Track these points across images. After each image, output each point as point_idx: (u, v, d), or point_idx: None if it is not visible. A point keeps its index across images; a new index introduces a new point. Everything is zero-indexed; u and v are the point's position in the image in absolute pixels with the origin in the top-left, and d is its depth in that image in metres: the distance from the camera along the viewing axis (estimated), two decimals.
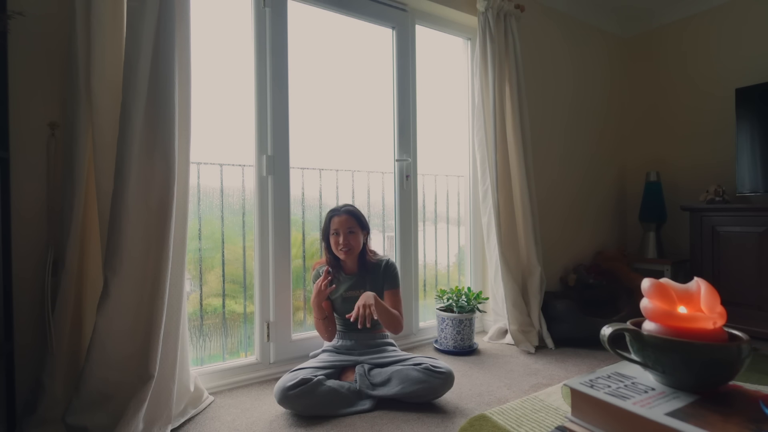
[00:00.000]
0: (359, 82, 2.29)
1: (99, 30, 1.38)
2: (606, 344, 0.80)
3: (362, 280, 1.85)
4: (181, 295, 1.51)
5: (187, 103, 1.51)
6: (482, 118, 2.41)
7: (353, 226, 1.80)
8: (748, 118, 2.53)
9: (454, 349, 2.20)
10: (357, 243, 1.81)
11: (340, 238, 1.79)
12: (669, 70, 3.15)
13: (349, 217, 1.81)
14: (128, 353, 1.35)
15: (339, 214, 1.82)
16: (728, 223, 2.50)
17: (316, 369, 1.63)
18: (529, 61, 2.69)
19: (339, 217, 1.81)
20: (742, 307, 2.37)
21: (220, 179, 1.91)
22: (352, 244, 1.80)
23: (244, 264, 1.97)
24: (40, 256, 1.41)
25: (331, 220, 1.82)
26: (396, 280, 1.86)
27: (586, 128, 3.11)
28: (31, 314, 1.40)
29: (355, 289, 1.84)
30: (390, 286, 1.85)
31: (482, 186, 2.45)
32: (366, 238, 1.87)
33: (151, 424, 1.38)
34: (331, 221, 1.82)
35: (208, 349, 1.89)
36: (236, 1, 1.92)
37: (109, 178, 1.38)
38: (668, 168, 3.13)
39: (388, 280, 1.85)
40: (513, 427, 1.42)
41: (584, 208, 3.09)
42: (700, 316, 0.77)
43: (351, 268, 1.87)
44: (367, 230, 1.87)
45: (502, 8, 2.40)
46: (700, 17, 2.98)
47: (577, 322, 2.36)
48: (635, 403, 0.70)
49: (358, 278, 1.85)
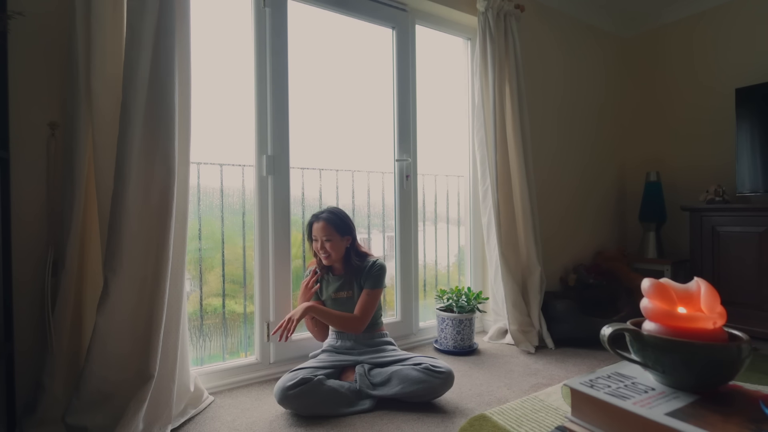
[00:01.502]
0: (359, 82, 2.29)
1: (99, 30, 1.37)
2: (606, 344, 0.80)
3: (350, 281, 1.85)
4: (181, 295, 1.51)
5: (187, 103, 1.51)
6: (482, 118, 2.41)
7: (330, 234, 1.79)
8: (748, 118, 2.53)
9: (454, 349, 2.20)
10: (335, 249, 1.80)
11: (318, 245, 1.81)
12: (669, 69, 3.15)
13: (326, 224, 1.79)
14: (128, 353, 1.35)
15: (317, 221, 1.81)
16: (728, 223, 2.50)
17: (316, 369, 1.63)
18: (529, 61, 2.69)
19: (317, 224, 1.81)
20: (742, 307, 2.37)
21: (220, 179, 1.91)
22: (329, 251, 1.79)
23: (244, 264, 1.97)
24: (40, 256, 1.41)
25: (312, 225, 1.83)
26: (373, 280, 1.82)
27: (586, 128, 3.11)
28: (31, 314, 1.40)
29: (343, 290, 1.85)
30: (366, 285, 1.82)
31: (482, 186, 2.45)
32: (350, 241, 1.85)
33: (151, 424, 1.38)
34: (311, 227, 1.83)
35: (208, 349, 1.89)
36: (236, 1, 1.92)
37: (109, 178, 1.38)
38: (668, 168, 3.13)
39: (367, 279, 1.83)
40: (513, 427, 1.42)
41: (584, 208, 3.10)
42: (700, 316, 0.77)
43: (339, 269, 1.88)
44: (349, 234, 1.84)
45: (502, 8, 2.40)
46: (700, 17, 2.98)
47: (577, 322, 2.36)
48: (635, 403, 0.70)
49: (346, 280, 1.86)
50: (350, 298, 1.85)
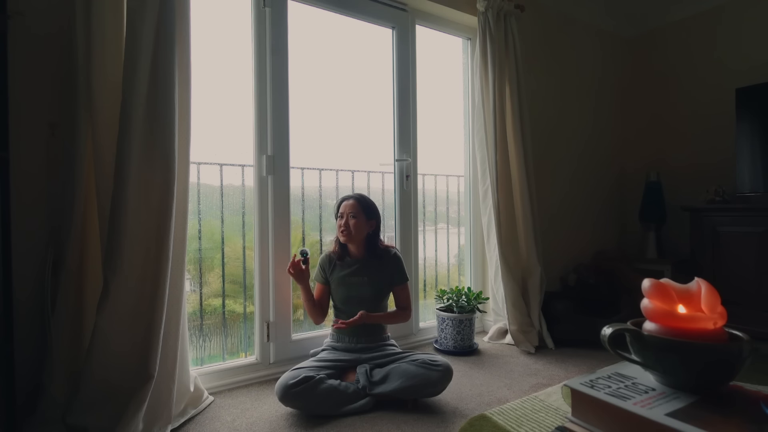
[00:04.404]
0: (359, 82, 2.29)
1: (99, 30, 1.37)
2: (606, 344, 0.80)
3: (365, 268, 1.85)
4: (181, 295, 1.50)
5: (187, 103, 1.51)
6: (482, 118, 2.41)
7: (357, 212, 1.82)
8: (749, 118, 2.53)
9: (454, 349, 2.20)
10: (358, 229, 1.82)
11: (342, 221, 1.83)
12: (669, 69, 3.15)
13: (356, 202, 1.83)
14: (128, 353, 1.35)
15: (349, 199, 1.86)
16: (728, 223, 2.49)
17: (318, 368, 1.63)
18: (529, 61, 2.69)
19: (348, 201, 1.85)
20: (743, 307, 2.37)
21: (220, 179, 1.91)
22: (351, 228, 1.81)
23: (244, 264, 1.97)
24: (40, 256, 1.41)
25: (341, 204, 1.87)
26: (404, 274, 1.90)
27: (586, 128, 3.11)
28: (31, 314, 1.40)
29: (357, 275, 1.84)
30: (401, 279, 1.88)
31: (482, 186, 2.45)
32: (373, 227, 1.87)
33: (151, 424, 1.38)
34: (340, 205, 1.87)
35: (208, 349, 1.89)
36: (236, 1, 1.91)
37: (109, 178, 1.38)
38: (668, 168, 3.12)
39: (397, 274, 1.87)
40: (513, 427, 1.42)
41: (584, 208, 3.09)
42: (700, 317, 0.77)
43: (355, 254, 1.88)
44: (375, 219, 1.87)
45: (502, 8, 2.40)
46: (700, 17, 2.97)
47: (577, 322, 2.36)
48: (635, 403, 0.70)
49: (362, 265, 1.86)
50: (362, 284, 1.83)
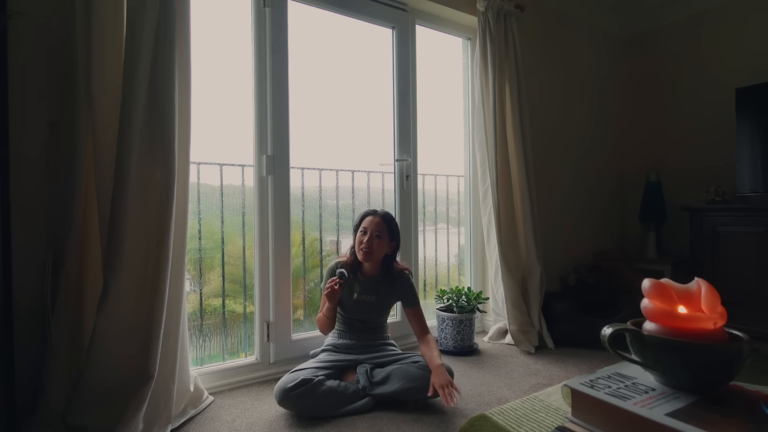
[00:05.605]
0: (359, 82, 2.29)
1: (99, 30, 1.37)
2: (606, 344, 0.80)
3: (376, 287, 1.80)
4: (181, 295, 1.50)
5: (187, 103, 1.51)
6: (482, 118, 2.41)
7: (382, 232, 1.75)
8: (749, 118, 2.53)
9: (454, 349, 2.20)
10: (379, 249, 1.76)
11: (365, 237, 1.75)
12: (669, 69, 3.15)
13: (382, 221, 1.76)
14: (128, 353, 1.35)
15: (374, 215, 1.79)
16: (728, 223, 2.50)
17: (316, 369, 1.62)
18: (528, 61, 2.69)
19: (372, 218, 1.77)
20: (743, 307, 2.37)
21: (220, 179, 1.91)
22: (374, 248, 1.74)
23: (244, 264, 1.97)
24: (40, 256, 1.41)
25: (365, 218, 1.80)
26: (417, 297, 1.84)
27: (586, 128, 3.11)
28: (31, 314, 1.40)
29: (368, 293, 1.79)
30: (413, 303, 1.82)
31: (482, 186, 2.45)
32: (393, 249, 1.81)
33: (151, 424, 1.38)
34: (363, 218, 1.80)
35: (208, 349, 1.89)
36: (236, 1, 1.91)
37: (109, 178, 1.37)
38: (668, 168, 3.12)
39: (411, 296, 1.83)
40: (513, 427, 1.42)
41: (584, 208, 3.09)
42: (700, 317, 0.77)
43: (369, 272, 1.82)
44: (396, 241, 1.81)
45: (502, 8, 2.40)
46: (700, 17, 2.97)
47: (578, 322, 2.36)
48: (635, 403, 0.70)
49: (374, 284, 1.81)
50: (373, 303, 1.79)
